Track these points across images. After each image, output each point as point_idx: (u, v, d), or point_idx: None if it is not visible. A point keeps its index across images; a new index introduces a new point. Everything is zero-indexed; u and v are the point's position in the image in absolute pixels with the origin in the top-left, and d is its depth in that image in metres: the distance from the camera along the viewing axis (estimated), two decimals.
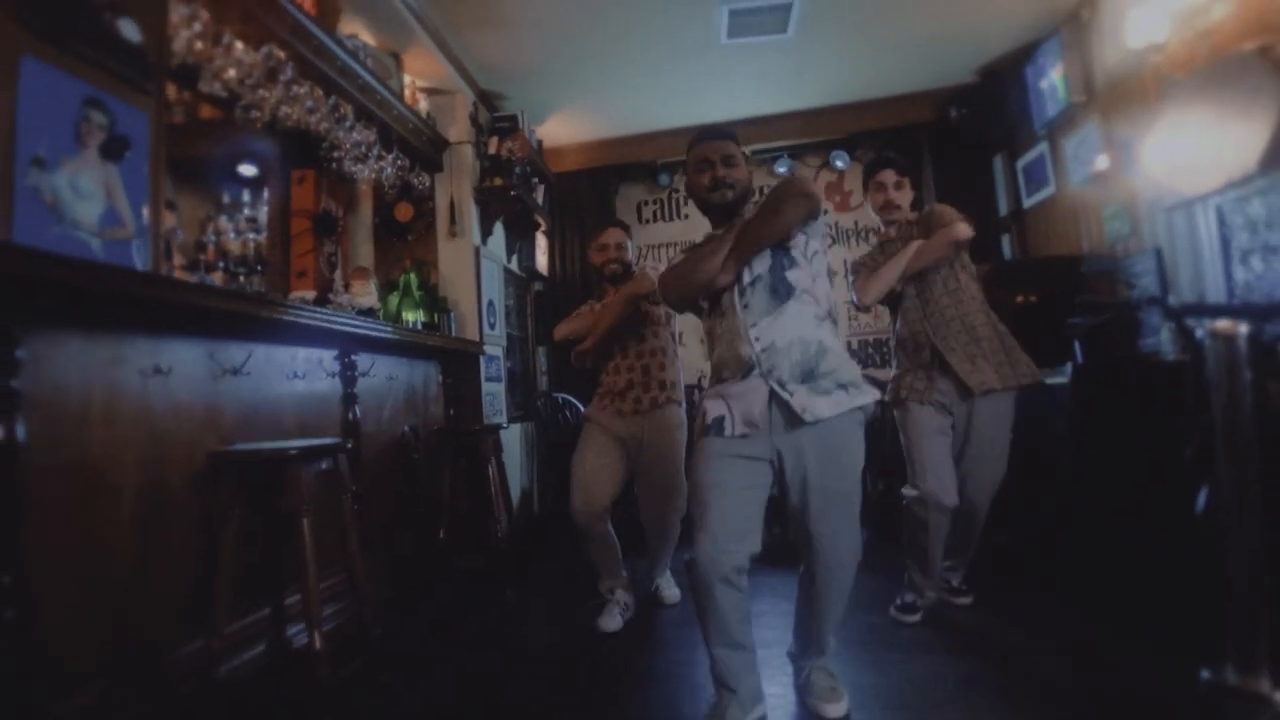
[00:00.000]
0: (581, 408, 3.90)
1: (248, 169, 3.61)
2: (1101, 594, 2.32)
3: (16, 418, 1.31)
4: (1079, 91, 3.50)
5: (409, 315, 3.43)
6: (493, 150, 3.97)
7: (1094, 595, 2.34)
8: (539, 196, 4.57)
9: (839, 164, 4.67)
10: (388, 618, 2.37)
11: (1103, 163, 3.41)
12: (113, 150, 1.68)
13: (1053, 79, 3.65)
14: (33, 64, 1.51)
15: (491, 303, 3.97)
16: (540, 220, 4.59)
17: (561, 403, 4.37)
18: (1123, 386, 2.54)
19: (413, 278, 3.58)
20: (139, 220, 1.75)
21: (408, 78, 3.54)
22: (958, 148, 4.37)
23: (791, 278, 1.64)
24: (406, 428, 2.97)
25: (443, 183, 3.85)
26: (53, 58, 1.56)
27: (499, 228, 4.18)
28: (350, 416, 2.53)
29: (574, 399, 4.30)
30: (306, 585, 1.69)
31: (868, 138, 4.55)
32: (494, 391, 3.86)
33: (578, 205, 4.89)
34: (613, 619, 2.45)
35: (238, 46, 2.33)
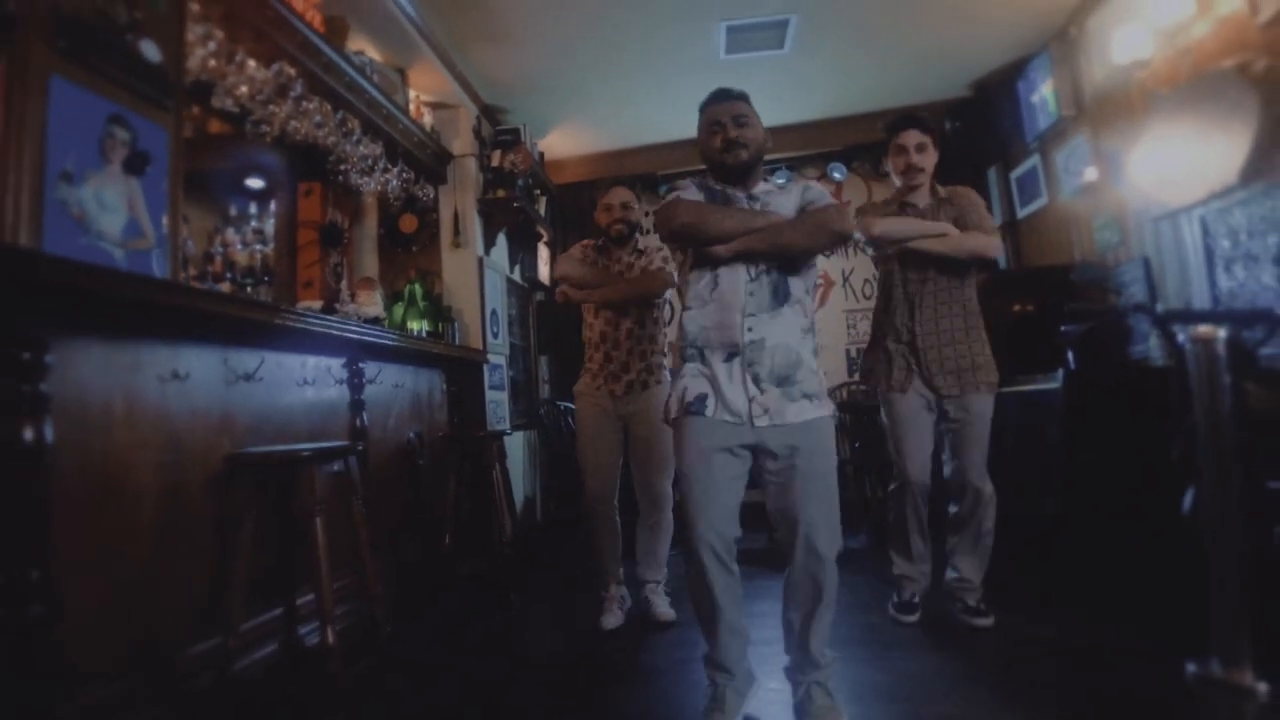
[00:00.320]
0: None
1: (255, 182, 3.66)
2: (1096, 595, 2.36)
3: (46, 420, 1.36)
4: (1069, 105, 3.59)
5: (414, 324, 3.49)
6: (496, 163, 4.05)
7: (1089, 596, 2.38)
8: (541, 208, 4.65)
9: (836, 175, 4.75)
10: (394, 622, 2.40)
11: (1092, 174, 3.49)
12: (135, 165, 1.75)
13: (1043, 93, 3.74)
14: (61, 84, 1.58)
15: (494, 312, 4.04)
16: (542, 231, 4.66)
17: (563, 411, 4.41)
18: (1114, 392, 2.61)
19: (417, 288, 3.65)
20: (159, 231, 1.82)
21: (413, 92, 3.63)
22: (952, 160, 4.43)
23: (792, 284, 1.70)
24: (412, 434, 3.02)
25: (447, 195, 3.92)
26: (79, 77, 1.63)
27: (502, 238, 4.25)
28: (358, 423, 2.58)
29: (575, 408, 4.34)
30: (320, 582, 1.73)
31: (864, 150, 4.64)
32: (497, 399, 3.91)
33: (579, 216, 4.96)
34: (614, 616, 2.51)
35: (250, 64, 2.40)
